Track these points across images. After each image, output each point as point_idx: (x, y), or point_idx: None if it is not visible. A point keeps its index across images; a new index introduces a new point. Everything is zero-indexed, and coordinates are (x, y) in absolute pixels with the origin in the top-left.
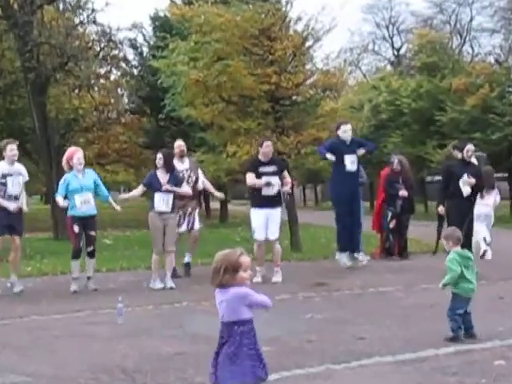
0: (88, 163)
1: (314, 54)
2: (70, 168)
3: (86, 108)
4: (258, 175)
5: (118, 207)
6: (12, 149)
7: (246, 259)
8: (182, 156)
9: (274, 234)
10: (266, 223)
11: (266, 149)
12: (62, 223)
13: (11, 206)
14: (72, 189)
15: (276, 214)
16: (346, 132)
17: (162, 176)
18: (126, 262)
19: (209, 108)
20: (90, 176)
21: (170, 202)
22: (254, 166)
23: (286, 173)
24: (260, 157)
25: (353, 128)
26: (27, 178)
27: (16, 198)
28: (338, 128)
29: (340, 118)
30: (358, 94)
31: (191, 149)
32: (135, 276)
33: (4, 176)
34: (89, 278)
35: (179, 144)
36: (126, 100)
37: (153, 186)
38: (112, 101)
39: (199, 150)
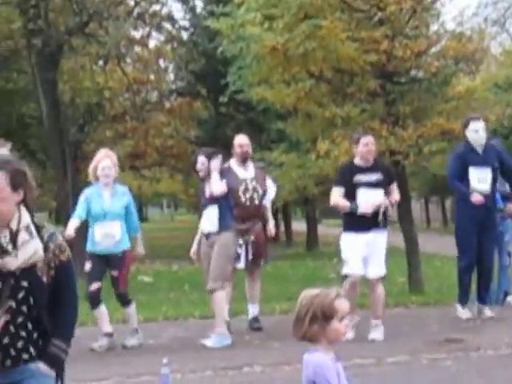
0: (117, 166)
1: (441, 11)
2: (97, 179)
3: (115, 88)
4: (353, 188)
5: (142, 250)
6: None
7: (343, 304)
8: (245, 159)
9: (376, 270)
10: (364, 254)
11: (366, 148)
12: (80, 252)
13: None
14: (92, 213)
15: (380, 242)
16: (477, 132)
17: (208, 186)
18: (173, 308)
19: (291, 88)
20: (122, 198)
21: (214, 216)
22: (346, 175)
23: (394, 186)
24: (357, 160)
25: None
26: None
27: None
28: (465, 125)
29: (478, 101)
30: (506, 66)
31: (266, 146)
32: (185, 329)
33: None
34: (136, 330)
35: (242, 141)
36: (171, 77)
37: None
38: (152, 77)
39: (276, 148)
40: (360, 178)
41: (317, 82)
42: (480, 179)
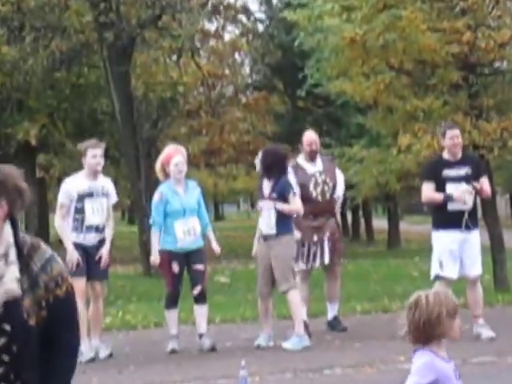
0: (193, 163)
1: None
2: (167, 176)
3: (189, 82)
4: (441, 183)
5: (217, 247)
6: (95, 155)
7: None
8: (313, 155)
9: (475, 268)
10: (458, 253)
11: (452, 141)
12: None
13: (69, 246)
14: (171, 211)
15: (474, 240)
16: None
17: (265, 184)
18: (250, 309)
19: (371, 80)
20: (194, 192)
21: (273, 218)
22: (435, 169)
23: (484, 179)
24: (444, 154)
25: None
26: (115, 200)
27: (98, 229)
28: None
29: None
30: None
31: (346, 141)
32: (263, 330)
33: (81, 198)
34: (201, 335)
35: (310, 138)
36: (247, 70)
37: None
38: (227, 71)
39: (356, 143)
40: (448, 172)
41: (397, 74)
42: None
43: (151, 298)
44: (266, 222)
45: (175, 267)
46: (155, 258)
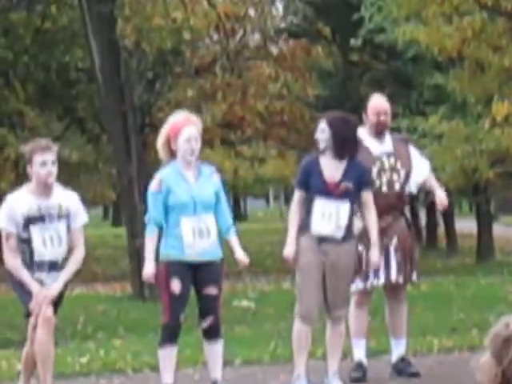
0: (204, 139)
1: None
2: (172, 156)
3: (199, 27)
4: None
5: (245, 258)
6: (44, 162)
7: None
8: (382, 130)
9: None
10: None
11: None
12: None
13: (35, 287)
14: (176, 203)
15: None
16: None
17: (330, 165)
18: (283, 345)
19: (454, 24)
20: (211, 179)
21: (344, 215)
22: None
23: None
24: None
25: None
26: (83, 221)
27: (54, 266)
28: None
29: None
30: None
31: (418, 109)
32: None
33: (27, 223)
34: (215, 382)
35: (379, 106)
36: (280, 10)
37: (311, 185)
38: (251, 11)
39: (433, 113)
40: None
41: (491, 15)
42: None
43: (145, 329)
44: (333, 218)
45: (175, 286)
46: (149, 271)
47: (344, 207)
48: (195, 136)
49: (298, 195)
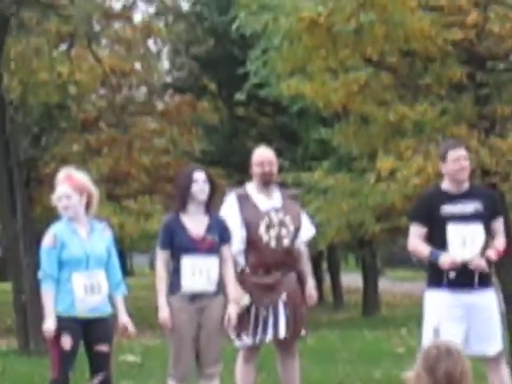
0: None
1: None
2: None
3: (85, 82)
4: (440, 223)
5: (130, 326)
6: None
7: None
8: (267, 181)
9: (494, 343)
10: (463, 324)
11: (457, 165)
12: (36, 318)
13: None
14: (68, 258)
15: (488, 306)
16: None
17: (193, 220)
18: None
19: (339, 79)
20: (102, 235)
21: (213, 270)
22: (430, 205)
23: (499, 221)
24: (445, 184)
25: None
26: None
27: None
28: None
29: None
30: None
31: (303, 163)
32: None
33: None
34: None
35: (263, 156)
36: (166, 65)
37: (175, 243)
38: (138, 66)
39: (318, 167)
40: (450, 209)
41: (376, 70)
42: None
43: None
44: (204, 274)
45: (66, 342)
46: (50, 326)
47: (212, 261)
48: (67, 194)
49: (162, 256)
